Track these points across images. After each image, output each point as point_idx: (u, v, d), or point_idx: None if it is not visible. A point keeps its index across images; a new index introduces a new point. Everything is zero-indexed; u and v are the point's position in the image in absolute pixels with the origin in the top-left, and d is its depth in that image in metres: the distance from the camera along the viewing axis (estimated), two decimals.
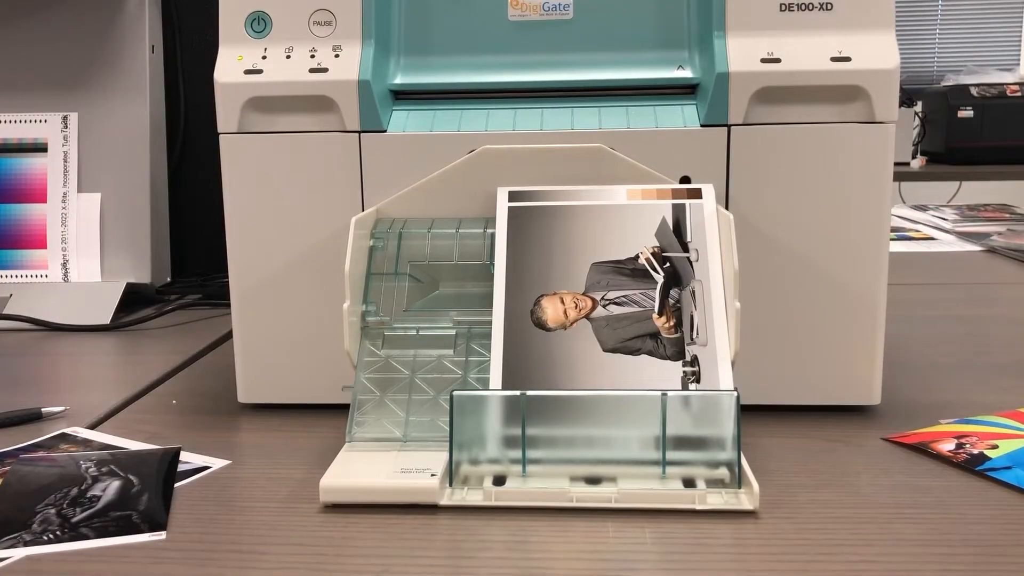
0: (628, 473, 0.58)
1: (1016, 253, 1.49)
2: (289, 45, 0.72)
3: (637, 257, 0.65)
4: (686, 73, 0.71)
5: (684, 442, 0.57)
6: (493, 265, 0.65)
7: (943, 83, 3.25)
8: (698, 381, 0.60)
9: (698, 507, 0.56)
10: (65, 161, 1.18)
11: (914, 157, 3.02)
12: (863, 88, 0.68)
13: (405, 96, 0.74)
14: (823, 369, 0.71)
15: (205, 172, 1.28)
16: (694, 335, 0.62)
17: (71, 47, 1.19)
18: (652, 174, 0.68)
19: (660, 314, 0.63)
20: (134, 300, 1.15)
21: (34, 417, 0.75)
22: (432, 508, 0.56)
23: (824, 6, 0.69)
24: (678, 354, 0.61)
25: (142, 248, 1.17)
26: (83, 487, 0.59)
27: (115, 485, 0.60)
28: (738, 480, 0.56)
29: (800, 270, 0.70)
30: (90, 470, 0.62)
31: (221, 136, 0.72)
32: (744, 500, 0.56)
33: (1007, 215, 1.92)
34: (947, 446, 0.64)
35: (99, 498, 0.58)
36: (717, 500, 0.56)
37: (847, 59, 0.68)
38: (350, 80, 0.70)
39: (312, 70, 0.71)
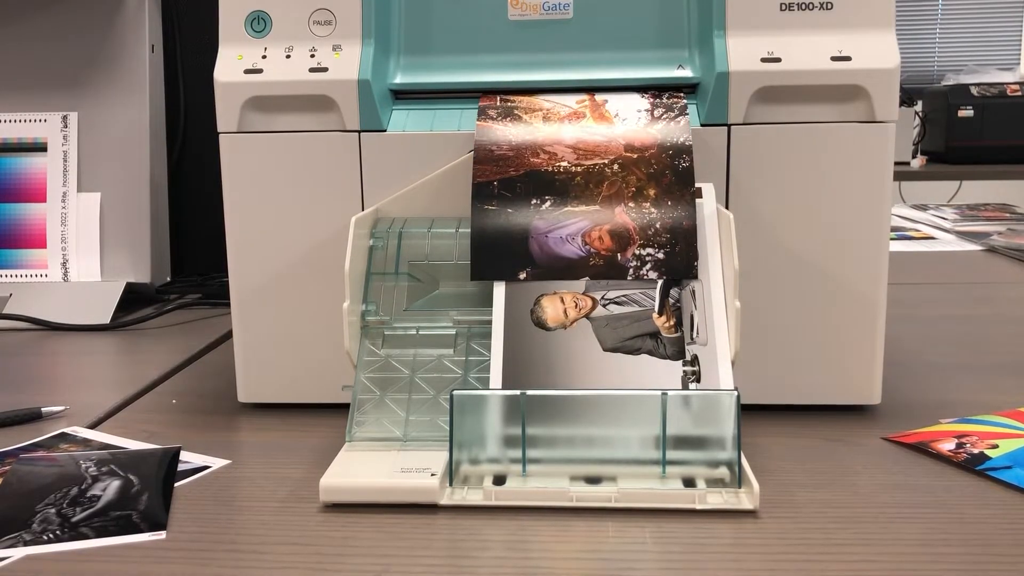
0: (628, 473, 0.58)
1: (1016, 253, 1.49)
2: (289, 45, 0.72)
3: None
4: (686, 72, 0.71)
5: (684, 442, 0.57)
6: None
7: (943, 83, 3.25)
8: (698, 381, 0.60)
9: (698, 507, 0.56)
10: (65, 161, 1.18)
11: (914, 157, 3.02)
12: (863, 88, 0.68)
13: (405, 96, 0.73)
14: (823, 369, 0.71)
15: (205, 172, 1.28)
16: (694, 335, 0.61)
17: (71, 47, 1.18)
18: None
19: (660, 313, 0.62)
20: (134, 300, 1.14)
21: (34, 417, 0.75)
22: (432, 508, 0.56)
23: (824, 5, 0.69)
24: (678, 353, 0.61)
25: (142, 248, 1.17)
26: (83, 487, 0.59)
27: (115, 485, 0.60)
28: (738, 480, 0.56)
29: (800, 270, 0.70)
30: (90, 470, 0.62)
31: (221, 136, 0.72)
32: (744, 500, 0.56)
33: (1007, 215, 1.92)
34: (947, 446, 0.64)
35: (99, 498, 0.58)
36: (717, 500, 0.56)
37: (847, 59, 0.68)
38: (350, 80, 0.70)
39: (312, 70, 0.71)
